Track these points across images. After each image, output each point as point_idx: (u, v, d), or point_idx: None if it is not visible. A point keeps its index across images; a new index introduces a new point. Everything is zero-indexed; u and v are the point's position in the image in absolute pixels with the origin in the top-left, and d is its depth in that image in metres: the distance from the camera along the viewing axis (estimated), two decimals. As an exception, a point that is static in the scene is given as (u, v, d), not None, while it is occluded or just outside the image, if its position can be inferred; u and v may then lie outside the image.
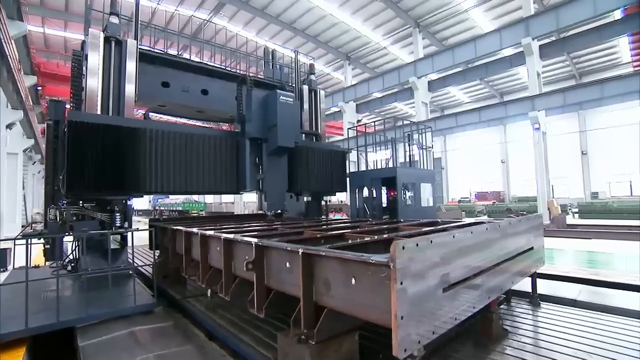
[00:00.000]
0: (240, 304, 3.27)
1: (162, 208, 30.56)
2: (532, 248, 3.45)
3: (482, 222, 4.35)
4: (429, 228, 3.54)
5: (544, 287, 4.10)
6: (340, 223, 5.42)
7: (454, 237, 2.20)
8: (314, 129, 8.47)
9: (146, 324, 3.48)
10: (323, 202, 8.86)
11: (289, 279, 2.59)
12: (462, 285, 2.23)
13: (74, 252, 5.34)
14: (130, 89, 5.51)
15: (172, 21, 21.03)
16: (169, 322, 3.55)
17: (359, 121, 26.43)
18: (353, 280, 2.06)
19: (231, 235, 3.39)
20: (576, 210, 19.69)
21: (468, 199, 31.78)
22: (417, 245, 1.84)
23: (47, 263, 5.73)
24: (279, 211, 7.52)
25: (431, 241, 1.97)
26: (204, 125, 9.93)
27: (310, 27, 24.18)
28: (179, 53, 7.09)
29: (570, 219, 16.66)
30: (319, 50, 27.10)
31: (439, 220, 4.76)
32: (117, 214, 4.91)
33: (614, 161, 25.76)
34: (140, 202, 37.54)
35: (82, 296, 4.00)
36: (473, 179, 34.96)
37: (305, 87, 8.33)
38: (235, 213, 23.10)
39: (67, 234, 4.57)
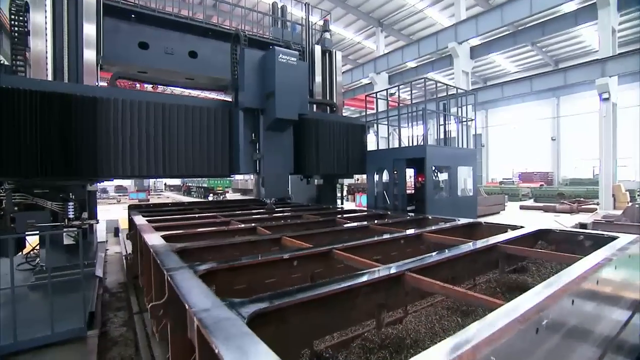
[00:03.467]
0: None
1: (189, 184, 30.81)
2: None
3: (553, 229, 2.94)
4: (471, 247, 2.21)
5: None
6: (348, 219, 4.22)
7: (541, 320, 0.90)
8: (328, 98, 7.13)
9: (61, 361, 2.56)
10: (338, 186, 7.67)
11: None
12: None
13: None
14: (90, 50, 4.49)
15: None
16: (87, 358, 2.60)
17: (396, 94, 24.45)
18: None
19: (160, 245, 2.31)
20: (646, 196, 16.78)
21: (511, 180, 28.97)
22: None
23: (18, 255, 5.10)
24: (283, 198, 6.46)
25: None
26: (207, 96, 8.91)
27: (338, -10, 22.03)
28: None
29: None
30: (349, 16, 24.91)
31: (482, 222, 3.39)
32: (70, 204, 4.01)
33: (695, 138, 21.76)
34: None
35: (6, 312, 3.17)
36: (517, 158, 31.75)
37: (318, 48, 6.93)
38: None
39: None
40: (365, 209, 6.55)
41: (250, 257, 2.06)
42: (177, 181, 39.78)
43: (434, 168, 5.51)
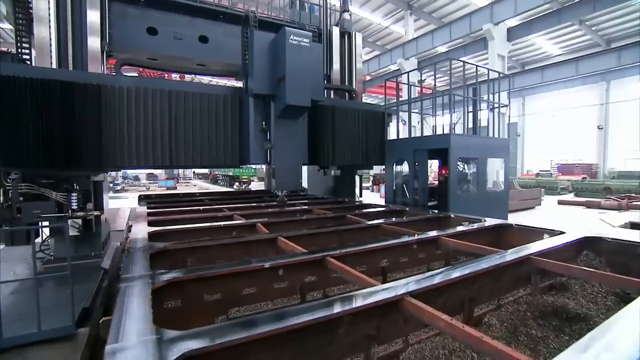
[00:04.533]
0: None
1: (216, 173, 31.44)
2: None
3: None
4: (497, 261, 1.79)
5: None
6: (361, 215, 3.85)
7: None
8: (347, 83, 6.70)
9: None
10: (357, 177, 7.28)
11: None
12: None
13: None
14: (94, 37, 4.36)
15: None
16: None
17: (421, 81, 23.53)
18: None
19: (139, 245, 2.08)
20: None
21: (549, 172, 27.08)
22: None
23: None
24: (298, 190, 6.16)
25: None
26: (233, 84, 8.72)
27: (365, -30, 21.07)
28: None
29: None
30: (377, -1, 23.87)
31: (513, 224, 2.91)
32: (73, 194, 3.93)
33: None
34: (200, 167, 39.16)
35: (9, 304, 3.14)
36: (556, 149, 29.59)
37: (336, 29, 6.47)
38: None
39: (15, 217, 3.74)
40: (386, 202, 6.13)
41: (226, 265, 1.77)
42: (205, 169, 40.82)
43: (459, 160, 4.98)
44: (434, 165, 7.38)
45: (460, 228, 2.79)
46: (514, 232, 2.74)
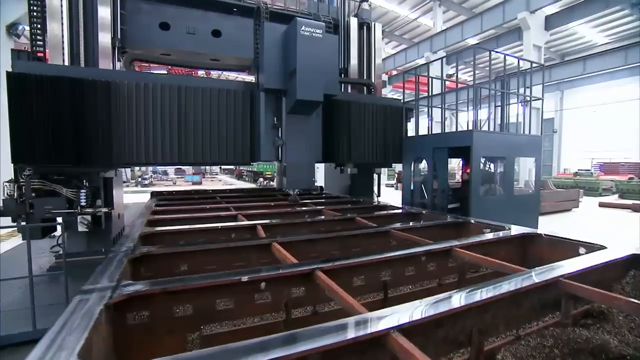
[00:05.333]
0: None
1: (241, 169, 31.88)
2: None
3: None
4: (519, 283, 1.48)
5: None
6: (373, 218, 3.59)
7: None
8: (365, 77, 6.39)
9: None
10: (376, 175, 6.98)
11: None
12: None
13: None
14: (105, 33, 4.36)
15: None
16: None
17: (448, 75, 22.72)
18: None
19: (124, 246, 1.95)
20: None
21: (589, 172, 25.20)
22: None
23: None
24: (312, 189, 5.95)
25: None
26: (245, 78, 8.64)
27: (391, -40, 20.38)
28: None
29: None
30: (404, -10, 23.12)
31: (542, 234, 2.54)
32: (82, 191, 3.94)
33: None
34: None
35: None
36: (598, 146, 27.47)
37: (354, 20, 6.16)
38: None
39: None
40: (402, 203, 5.79)
41: (199, 277, 1.58)
42: (231, 165, 41.56)
43: (484, 159, 4.55)
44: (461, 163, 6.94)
45: (479, 237, 2.46)
46: (543, 244, 2.38)
